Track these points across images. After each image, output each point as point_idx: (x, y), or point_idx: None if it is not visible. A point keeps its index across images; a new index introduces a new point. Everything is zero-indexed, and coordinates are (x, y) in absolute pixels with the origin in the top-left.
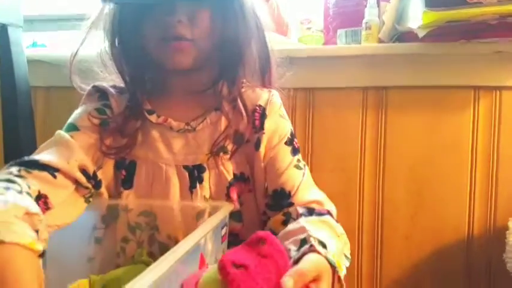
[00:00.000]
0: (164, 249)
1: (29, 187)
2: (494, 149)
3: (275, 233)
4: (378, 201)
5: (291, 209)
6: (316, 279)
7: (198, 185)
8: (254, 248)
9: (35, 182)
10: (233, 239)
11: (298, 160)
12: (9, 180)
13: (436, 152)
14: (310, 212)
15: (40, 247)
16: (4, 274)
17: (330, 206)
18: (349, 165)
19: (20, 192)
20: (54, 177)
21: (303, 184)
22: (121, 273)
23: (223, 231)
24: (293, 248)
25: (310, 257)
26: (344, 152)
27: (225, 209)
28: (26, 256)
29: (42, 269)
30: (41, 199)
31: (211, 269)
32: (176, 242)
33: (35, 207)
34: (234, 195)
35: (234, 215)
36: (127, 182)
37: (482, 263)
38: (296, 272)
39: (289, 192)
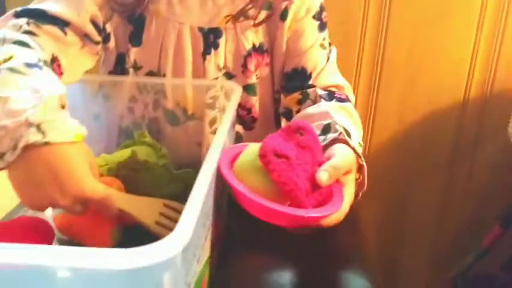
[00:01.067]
0: (169, 116)
1: (43, 49)
2: (504, 8)
3: (290, 111)
4: (377, 61)
5: (309, 90)
6: (346, 172)
7: (212, 51)
8: (293, 137)
9: (47, 41)
10: (246, 113)
11: (324, 38)
12: (23, 44)
13: (442, 13)
14: (331, 96)
15: (84, 132)
16: (58, 176)
17: (349, 92)
18: (351, 19)
19: (39, 66)
20: (65, 33)
21: (326, 67)
22: (128, 155)
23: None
24: (316, 132)
25: (343, 150)
26: (346, 4)
27: (237, 94)
28: (74, 150)
29: (89, 150)
30: (55, 63)
31: (250, 151)
32: (184, 111)
33: (62, 88)
34: (251, 66)
35: (249, 88)
36: (135, 38)
37: (472, 132)
38: (331, 166)
39: (310, 74)
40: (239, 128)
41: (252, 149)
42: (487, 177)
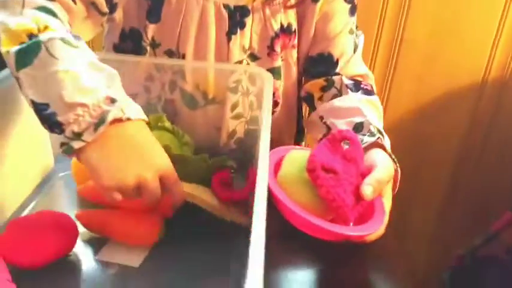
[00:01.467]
0: (187, 99)
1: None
2: None
3: (311, 96)
4: (396, 39)
5: (335, 78)
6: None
7: (238, 30)
8: (338, 148)
9: (60, 9)
10: None
11: (354, 23)
12: (48, 11)
13: None
14: (357, 86)
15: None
16: (143, 150)
17: (373, 82)
18: None
19: (81, 38)
20: (74, 2)
21: (354, 56)
22: None
23: None
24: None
25: (384, 160)
26: None
27: (269, 82)
28: (147, 127)
29: None
30: None
31: (296, 163)
32: (204, 94)
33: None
34: (278, 48)
35: (274, 72)
36: (153, 14)
37: (488, 115)
38: (376, 180)
39: (337, 61)
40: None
41: (297, 160)
42: (497, 162)
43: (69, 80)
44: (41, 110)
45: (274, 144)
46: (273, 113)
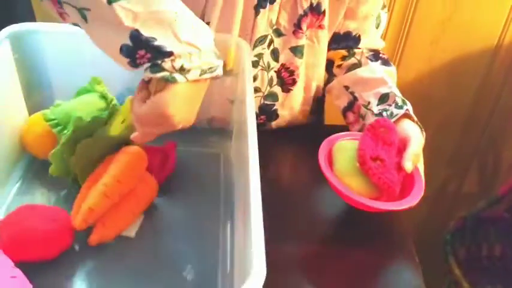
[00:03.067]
0: None
1: None
2: None
3: (331, 63)
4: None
5: (356, 50)
6: None
7: (268, 5)
8: (378, 134)
9: None
10: (288, 75)
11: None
12: None
13: None
14: (376, 56)
15: None
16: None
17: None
18: None
19: None
20: None
21: (377, 31)
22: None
23: None
24: (373, 101)
25: (415, 133)
26: None
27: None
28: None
29: None
30: None
31: (347, 156)
32: (223, 66)
33: None
34: (304, 26)
35: (296, 50)
36: None
37: (499, 79)
38: (413, 154)
39: (360, 38)
40: (278, 89)
41: (347, 152)
42: (504, 129)
43: (181, 20)
44: (148, 41)
45: (287, 122)
46: (289, 90)
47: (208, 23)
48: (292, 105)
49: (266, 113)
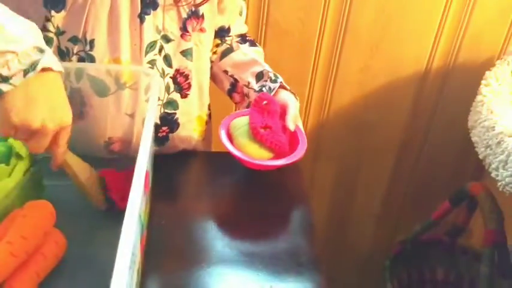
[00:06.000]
0: (98, 86)
1: None
2: None
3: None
4: (340, 29)
5: (227, 38)
6: None
7: (151, 11)
8: (263, 108)
9: None
10: (184, 80)
11: None
12: None
13: None
14: (244, 39)
15: None
16: (55, 102)
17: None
18: None
19: None
20: None
21: (240, 18)
22: None
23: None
24: (252, 80)
25: (291, 99)
26: None
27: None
28: (61, 79)
29: None
30: None
31: (241, 130)
32: (116, 79)
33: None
34: (190, 29)
35: (187, 53)
36: (57, 1)
37: (431, 101)
38: (292, 116)
39: (230, 28)
40: (176, 96)
41: (241, 126)
42: (438, 152)
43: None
44: None
45: (186, 136)
46: (186, 96)
47: (92, 40)
48: (190, 111)
49: (167, 123)
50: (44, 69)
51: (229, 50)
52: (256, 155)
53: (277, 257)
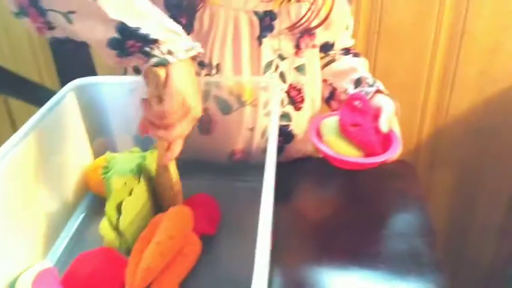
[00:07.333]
0: (222, 104)
1: None
2: None
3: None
4: (457, 31)
5: (330, 52)
6: None
7: (268, 34)
8: (353, 107)
9: None
10: (297, 93)
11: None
12: None
13: None
14: (347, 52)
15: None
16: (197, 88)
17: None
18: None
19: None
20: None
21: (346, 33)
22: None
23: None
24: (350, 87)
25: (386, 102)
26: None
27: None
28: None
29: None
30: None
31: (330, 128)
32: (238, 98)
33: None
34: (303, 45)
35: (300, 68)
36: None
37: None
38: (385, 118)
39: (333, 43)
40: (290, 108)
41: (331, 125)
42: None
43: (155, 11)
44: (135, 30)
45: (301, 145)
46: (300, 109)
47: (217, 65)
48: (304, 123)
49: (282, 134)
50: (194, 58)
51: (331, 62)
52: (344, 152)
53: (397, 257)
